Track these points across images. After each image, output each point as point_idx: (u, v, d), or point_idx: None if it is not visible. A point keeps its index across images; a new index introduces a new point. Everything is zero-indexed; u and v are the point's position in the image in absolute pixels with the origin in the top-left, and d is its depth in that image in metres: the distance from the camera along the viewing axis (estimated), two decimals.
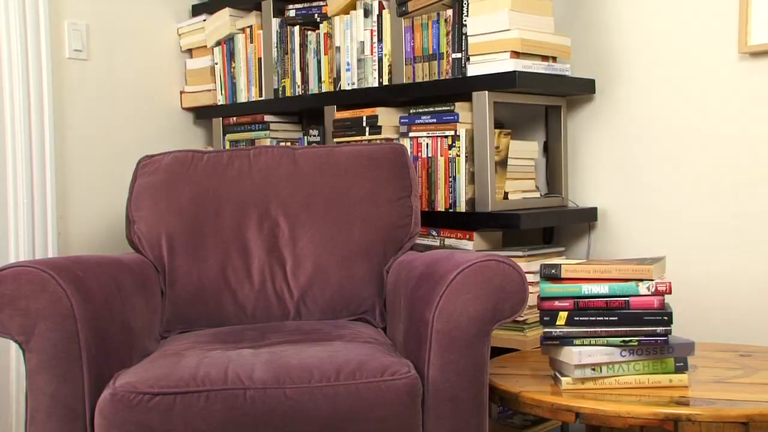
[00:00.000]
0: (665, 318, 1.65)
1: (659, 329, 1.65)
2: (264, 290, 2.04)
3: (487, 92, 2.15)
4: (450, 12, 2.28)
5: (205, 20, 2.89)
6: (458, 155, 2.21)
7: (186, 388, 1.50)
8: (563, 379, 1.68)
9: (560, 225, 2.44)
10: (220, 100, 2.89)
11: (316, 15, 2.62)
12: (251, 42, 2.79)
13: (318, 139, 2.64)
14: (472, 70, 2.20)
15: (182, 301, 2.01)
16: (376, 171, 2.13)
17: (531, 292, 1.98)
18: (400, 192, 2.12)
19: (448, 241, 2.25)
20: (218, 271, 2.04)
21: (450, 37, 2.28)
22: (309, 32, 2.65)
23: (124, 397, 1.49)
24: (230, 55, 2.85)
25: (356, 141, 2.42)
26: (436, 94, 2.28)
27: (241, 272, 2.05)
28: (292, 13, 2.67)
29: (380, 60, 2.45)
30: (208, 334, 1.87)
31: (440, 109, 2.26)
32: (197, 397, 1.50)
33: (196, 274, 2.03)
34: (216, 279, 2.03)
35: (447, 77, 2.29)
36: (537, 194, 2.39)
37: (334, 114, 2.50)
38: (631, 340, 1.65)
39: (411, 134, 2.32)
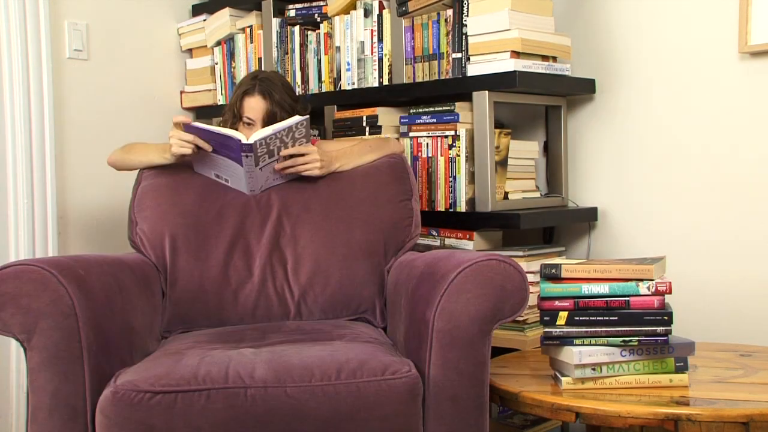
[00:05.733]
0: (665, 318, 1.65)
1: (659, 329, 1.65)
2: (265, 290, 2.04)
3: (487, 92, 2.15)
4: (450, 12, 2.28)
5: (205, 20, 2.89)
6: (458, 155, 2.21)
7: (187, 387, 1.50)
8: (563, 379, 1.68)
9: (560, 225, 2.44)
10: (220, 100, 2.89)
11: (316, 15, 2.62)
12: (251, 42, 2.79)
13: (318, 139, 2.64)
14: (472, 70, 2.20)
15: (183, 301, 2.01)
16: (376, 175, 2.14)
17: (531, 292, 1.97)
18: (400, 195, 2.12)
19: (448, 241, 2.25)
20: (219, 271, 2.03)
21: (450, 37, 2.28)
22: (309, 32, 2.65)
23: (125, 396, 1.49)
24: (230, 55, 2.85)
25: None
26: (436, 94, 2.28)
27: (243, 272, 2.04)
28: (292, 13, 2.67)
29: (380, 60, 2.45)
30: (209, 334, 1.87)
31: (440, 109, 2.26)
32: (198, 395, 1.50)
33: (197, 274, 2.03)
34: (217, 279, 2.03)
35: (447, 77, 2.29)
36: (537, 194, 2.39)
37: (334, 114, 2.50)
38: (631, 340, 1.65)
39: (411, 134, 2.32)
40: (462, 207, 2.21)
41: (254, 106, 2.15)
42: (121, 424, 1.48)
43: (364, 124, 2.40)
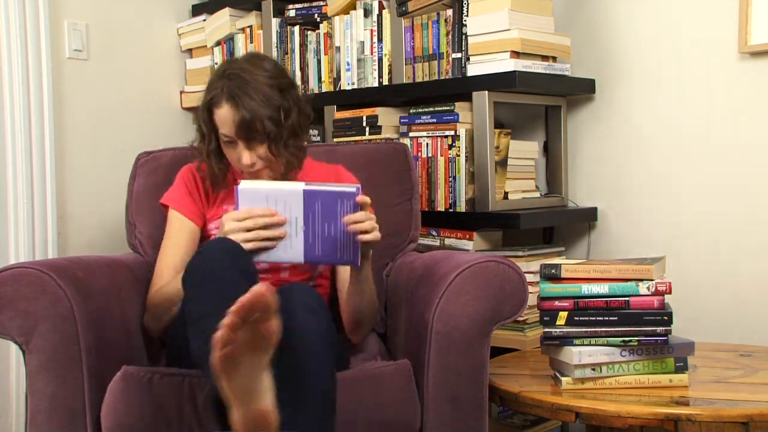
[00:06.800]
0: (665, 318, 1.65)
1: (659, 329, 1.65)
2: None
3: (487, 92, 2.15)
4: (450, 12, 2.28)
5: (205, 20, 2.88)
6: (458, 155, 2.21)
7: (195, 375, 1.53)
8: (563, 379, 1.68)
9: (560, 225, 2.44)
10: None
11: (316, 15, 2.62)
12: (251, 42, 2.79)
13: (318, 139, 2.64)
14: (472, 70, 2.20)
15: None
16: (376, 175, 2.13)
17: (531, 292, 1.97)
18: (399, 197, 2.11)
19: (448, 241, 2.25)
20: None
21: (450, 37, 2.28)
22: (309, 32, 2.65)
23: (135, 374, 1.52)
24: (230, 55, 2.85)
25: (356, 141, 2.42)
26: (436, 94, 2.28)
27: None
28: (292, 13, 2.67)
29: (380, 60, 2.45)
30: None
31: (440, 109, 2.26)
32: (205, 381, 1.51)
33: None
34: None
35: (447, 77, 2.29)
36: (537, 194, 2.39)
37: (334, 114, 2.50)
38: (631, 340, 1.65)
39: (411, 134, 2.32)
40: (462, 207, 2.21)
41: (224, 118, 1.72)
42: (128, 401, 1.51)
43: (364, 124, 2.40)
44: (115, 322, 1.70)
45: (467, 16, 2.22)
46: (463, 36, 2.25)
